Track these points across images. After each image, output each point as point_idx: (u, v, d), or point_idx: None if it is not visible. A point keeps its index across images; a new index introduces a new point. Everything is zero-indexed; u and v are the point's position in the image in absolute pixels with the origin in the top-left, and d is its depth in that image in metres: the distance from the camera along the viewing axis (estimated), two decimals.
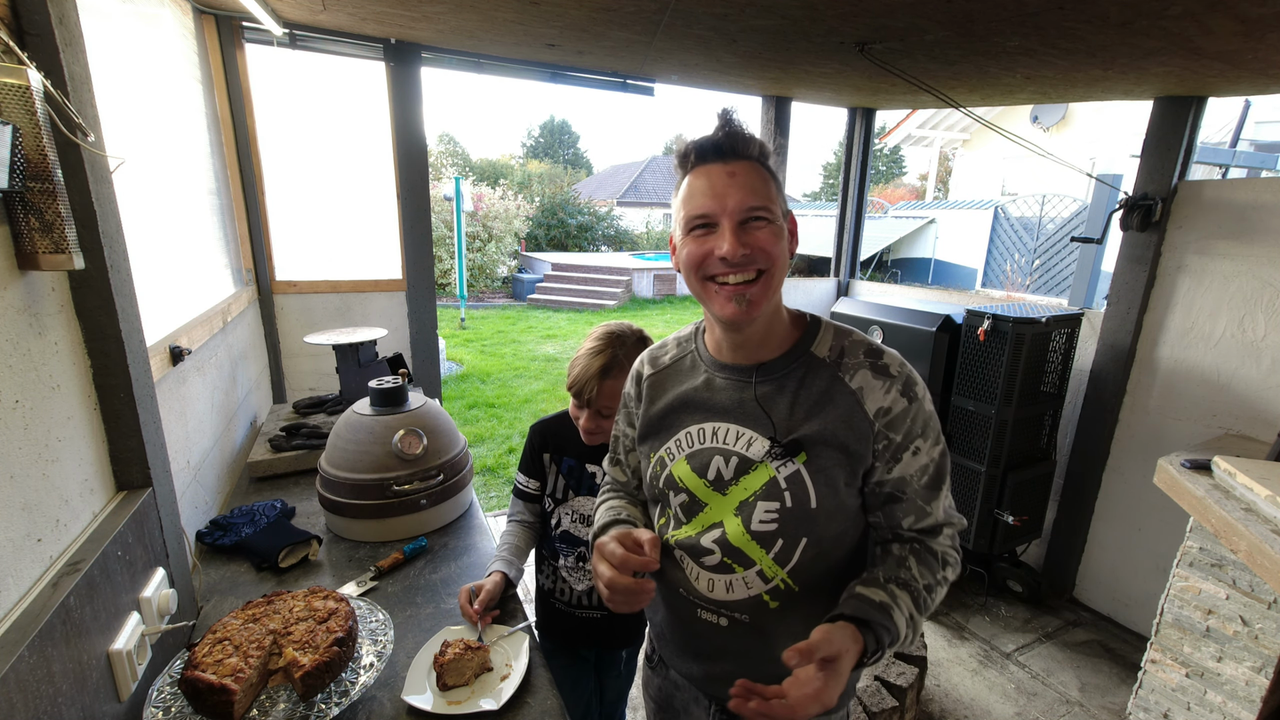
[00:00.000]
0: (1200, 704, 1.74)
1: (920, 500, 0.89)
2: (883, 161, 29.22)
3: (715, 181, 0.83)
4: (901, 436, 0.87)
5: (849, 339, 0.92)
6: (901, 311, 2.80)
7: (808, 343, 0.92)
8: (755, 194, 0.82)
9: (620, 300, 11.69)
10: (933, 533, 0.91)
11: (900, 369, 0.88)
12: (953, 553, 0.92)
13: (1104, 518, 2.75)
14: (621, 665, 1.60)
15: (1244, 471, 1.59)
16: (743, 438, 0.91)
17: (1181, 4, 1.40)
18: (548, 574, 1.49)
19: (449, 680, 1.02)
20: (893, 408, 0.86)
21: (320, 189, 2.58)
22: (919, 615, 0.85)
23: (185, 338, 1.48)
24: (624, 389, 1.11)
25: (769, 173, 0.86)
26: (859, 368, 0.88)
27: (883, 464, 0.88)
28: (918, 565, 0.88)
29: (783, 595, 0.91)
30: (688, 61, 2.38)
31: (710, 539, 0.93)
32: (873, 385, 0.87)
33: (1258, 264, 2.22)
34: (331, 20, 2.12)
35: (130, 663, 0.88)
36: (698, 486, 0.94)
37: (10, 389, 0.75)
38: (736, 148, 0.84)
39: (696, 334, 1.02)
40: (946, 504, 0.92)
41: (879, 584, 0.85)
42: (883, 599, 0.82)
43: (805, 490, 0.87)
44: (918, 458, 0.88)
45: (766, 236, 0.83)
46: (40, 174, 0.75)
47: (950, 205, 11.17)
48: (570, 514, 1.43)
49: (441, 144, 29.04)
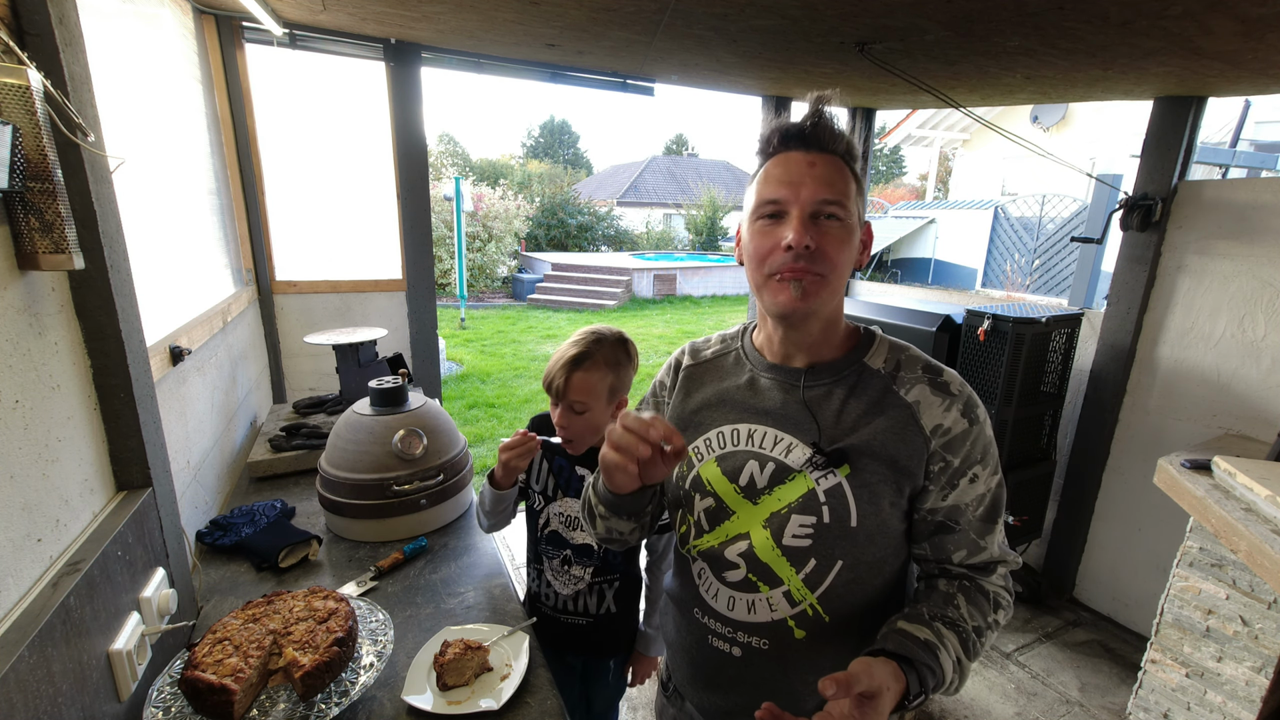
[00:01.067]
0: (1200, 704, 1.74)
1: (974, 533, 0.82)
2: (883, 161, 29.23)
3: (793, 169, 0.78)
4: (960, 461, 0.80)
5: (905, 353, 0.86)
6: (901, 311, 2.80)
7: (862, 352, 0.86)
8: (833, 188, 0.77)
9: (620, 300, 11.69)
10: (985, 570, 0.84)
11: (962, 389, 0.82)
12: (1005, 594, 0.84)
13: (1104, 518, 2.75)
14: (610, 675, 1.56)
15: (1244, 471, 1.59)
16: (782, 443, 0.84)
17: (1181, 4, 1.40)
18: (534, 576, 1.48)
19: (449, 680, 1.02)
20: (952, 428, 0.80)
21: (320, 189, 2.58)
22: (966, 660, 0.77)
23: (185, 338, 1.48)
24: (658, 377, 1.04)
25: (852, 174, 0.81)
26: (916, 382, 0.82)
27: (936, 489, 0.81)
28: (967, 605, 0.80)
29: (810, 624, 0.84)
30: (688, 61, 2.38)
31: (735, 551, 0.86)
32: (931, 401, 0.81)
33: (1258, 264, 2.22)
34: (331, 20, 2.12)
35: (130, 663, 0.88)
36: (727, 492, 0.88)
37: (10, 389, 0.75)
38: (822, 139, 0.79)
39: (744, 332, 0.97)
40: (1001, 539, 0.85)
41: (924, 621, 0.77)
42: (928, 638, 0.75)
43: (846, 506, 0.81)
44: (975, 486, 0.81)
45: (835, 239, 0.78)
46: (40, 174, 0.75)
47: (950, 205, 11.17)
48: (559, 514, 1.41)
49: (441, 144, 29.06)
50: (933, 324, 2.64)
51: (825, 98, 0.80)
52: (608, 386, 1.30)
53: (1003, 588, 0.84)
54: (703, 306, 11.70)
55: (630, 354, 1.35)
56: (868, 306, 2.95)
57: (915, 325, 2.69)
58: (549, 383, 1.30)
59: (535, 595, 1.48)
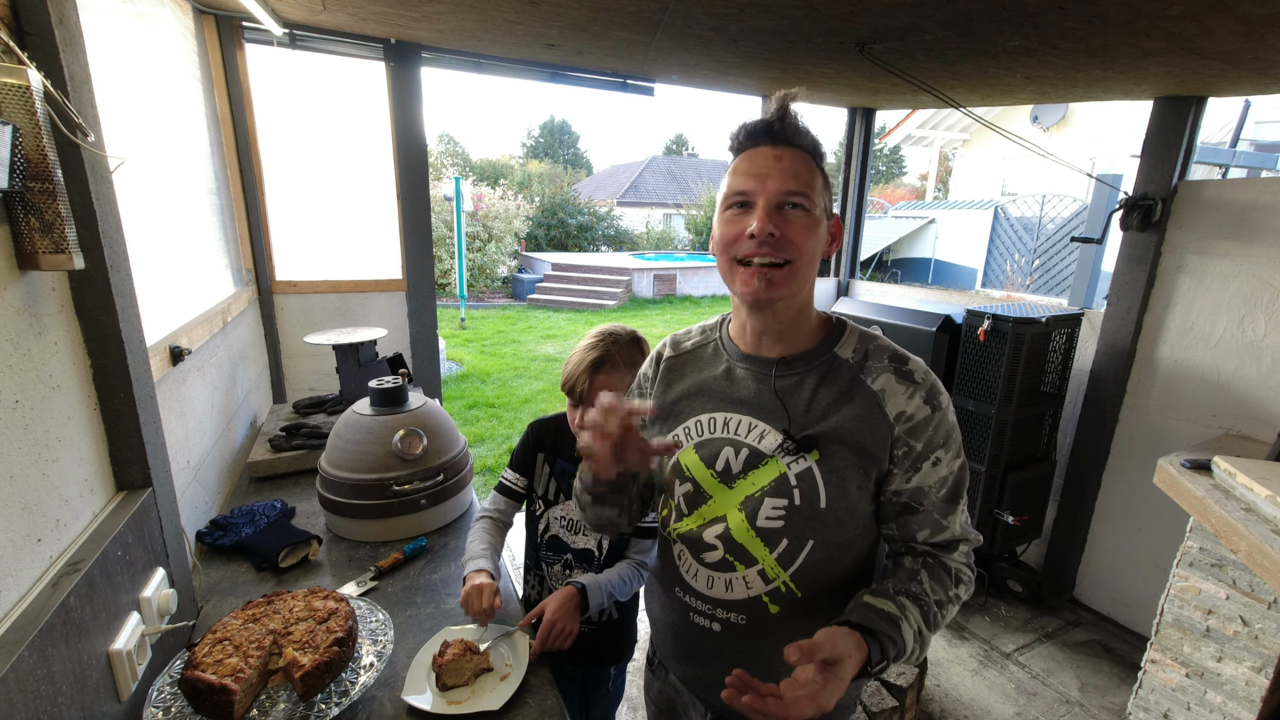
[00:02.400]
0: (1200, 704, 1.74)
1: (937, 513, 0.87)
2: (883, 161, 29.23)
3: (759, 162, 0.82)
4: (922, 445, 0.85)
5: (874, 343, 0.90)
6: (901, 311, 2.80)
7: (832, 342, 0.90)
8: (798, 179, 0.81)
9: (620, 300, 11.69)
10: (948, 548, 0.89)
11: (925, 376, 0.86)
12: (966, 570, 0.89)
13: (1104, 518, 2.75)
14: (609, 683, 1.55)
15: (1244, 471, 1.59)
16: (755, 429, 0.89)
17: (1181, 4, 1.40)
18: (533, 583, 1.47)
19: (448, 681, 1.02)
20: (915, 414, 0.84)
21: (320, 189, 2.58)
22: (928, 631, 0.83)
23: (185, 338, 1.48)
24: (641, 368, 1.09)
25: (819, 168, 0.84)
26: (882, 371, 0.86)
27: (901, 472, 0.86)
28: (930, 580, 0.85)
29: (784, 600, 0.89)
30: (688, 61, 2.38)
31: (713, 533, 0.91)
32: (895, 389, 0.85)
33: (1258, 264, 2.22)
34: (331, 20, 2.12)
35: (130, 663, 0.88)
36: (704, 477, 0.92)
37: (10, 389, 0.75)
38: (789, 134, 0.82)
39: (722, 323, 1.01)
40: (963, 519, 0.89)
41: (888, 595, 0.82)
42: (891, 610, 0.80)
43: (816, 489, 0.85)
44: (937, 469, 0.86)
45: (800, 226, 0.81)
46: (40, 174, 0.75)
47: (950, 205, 11.17)
48: (560, 519, 1.40)
49: (441, 144, 29.07)
50: (933, 324, 2.64)
51: (791, 95, 0.83)
52: (627, 386, 1.30)
53: (964, 564, 0.89)
54: (703, 306, 11.70)
55: (644, 352, 1.36)
56: (868, 306, 2.95)
57: (915, 325, 2.69)
58: (570, 386, 1.30)
59: (534, 602, 1.45)
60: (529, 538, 1.48)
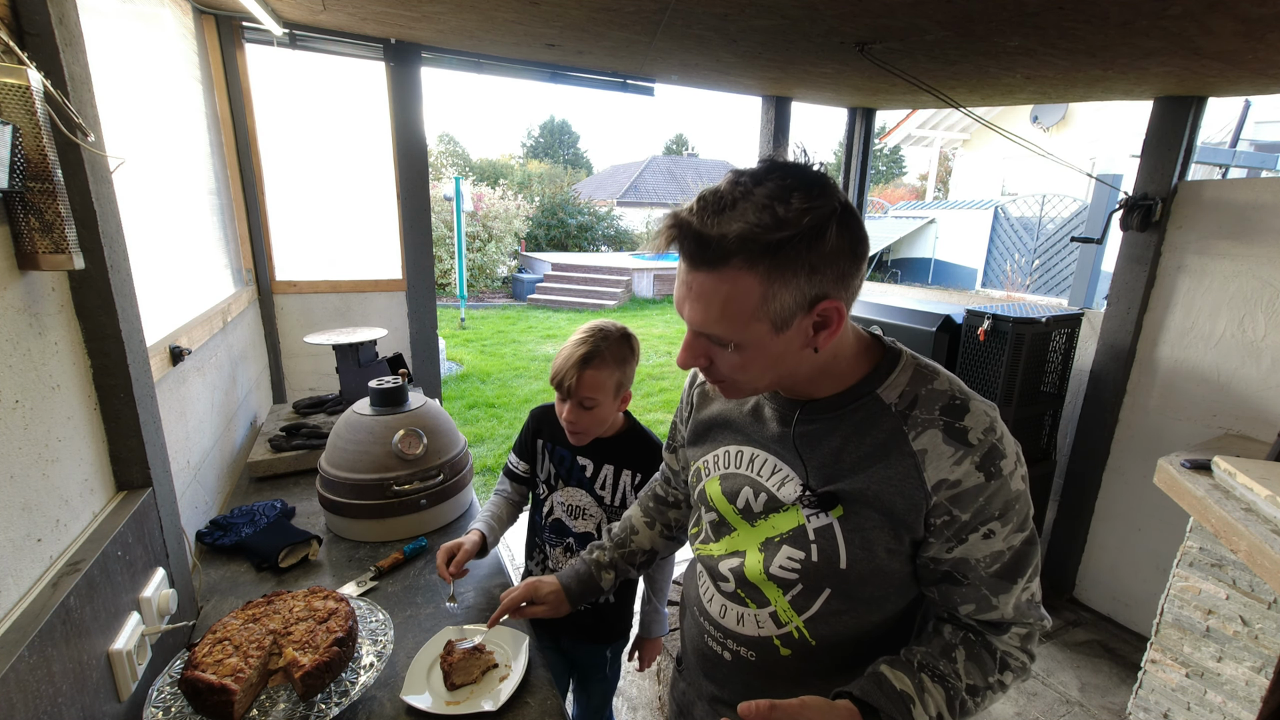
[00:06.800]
0: (1200, 704, 1.74)
1: (985, 589, 0.74)
2: (883, 161, 29.23)
3: (679, 284, 0.70)
4: (969, 516, 0.71)
5: (928, 386, 0.75)
6: (901, 311, 2.80)
7: (876, 381, 0.76)
8: (707, 314, 0.68)
9: (620, 300, 11.69)
10: (996, 628, 0.76)
11: (984, 437, 0.71)
12: (1018, 655, 0.77)
13: (1104, 518, 2.75)
14: (607, 667, 1.58)
15: (1244, 471, 1.59)
16: (778, 474, 0.81)
17: (1181, 4, 1.40)
18: (538, 561, 1.51)
19: (457, 680, 1.02)
20: (961, 481, 0.70)
21: (320, 189, 2.58)
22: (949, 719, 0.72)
23: (185, 338, 1.48)
24: (684, 387, 1.04)
25: (761, 272, 0.64)
26: (929, 425, 0.72)
27: (940, 541, 0.73)
28: (966, 660, 0.74)
29: (796, 645, 0.81)
30: (688, 61, 2.38)
31: (728, 566, 0.86)
32: (940, 451, 0.71)
33: (1258, 264, 2.22)
34: (331, 20, 2.12)
35: (130, 663, 0.88)
36: (727, 511, 0.87)
37: (10, 389, 0.75)
38: (704, 255, 0.65)
39: None
40: (1021, 599, 0.75)
41: (910, 669, 0.73)
42: (906, 690, 0.70)
43: (835, 548, 0.76)
44: (989, 542, 0.72)
45: (728, 360, 0.71)
46: (40, 174, 0.75)
47: (950, 205, 11.18)
48: (562, 503, 1.43)
49: (441, 144, 29.08)
50: (933, 324, 2.64)
51: (736, 174, 0.66)
52: (615, 382, 1.32)
53: (1017, 648, 0.77)
54: None
55: (634, 349, 1.37)
56: (868, 307, 2.95)
57: (915, 325, 2.69)
58: (559, 381, 1.31)
59: None
60: (531, 523, 1.52)
